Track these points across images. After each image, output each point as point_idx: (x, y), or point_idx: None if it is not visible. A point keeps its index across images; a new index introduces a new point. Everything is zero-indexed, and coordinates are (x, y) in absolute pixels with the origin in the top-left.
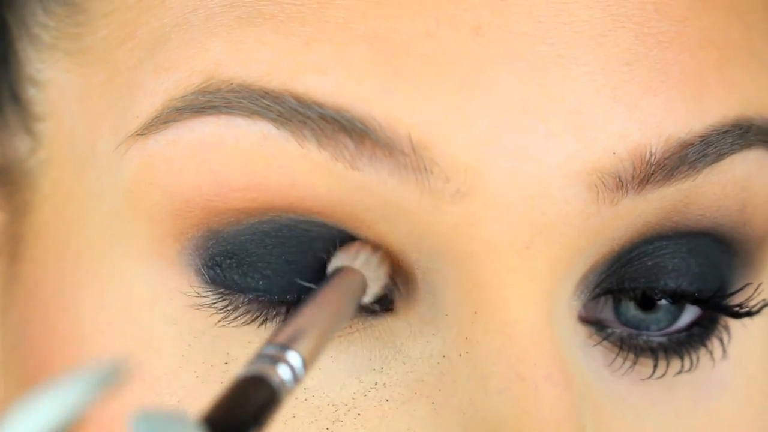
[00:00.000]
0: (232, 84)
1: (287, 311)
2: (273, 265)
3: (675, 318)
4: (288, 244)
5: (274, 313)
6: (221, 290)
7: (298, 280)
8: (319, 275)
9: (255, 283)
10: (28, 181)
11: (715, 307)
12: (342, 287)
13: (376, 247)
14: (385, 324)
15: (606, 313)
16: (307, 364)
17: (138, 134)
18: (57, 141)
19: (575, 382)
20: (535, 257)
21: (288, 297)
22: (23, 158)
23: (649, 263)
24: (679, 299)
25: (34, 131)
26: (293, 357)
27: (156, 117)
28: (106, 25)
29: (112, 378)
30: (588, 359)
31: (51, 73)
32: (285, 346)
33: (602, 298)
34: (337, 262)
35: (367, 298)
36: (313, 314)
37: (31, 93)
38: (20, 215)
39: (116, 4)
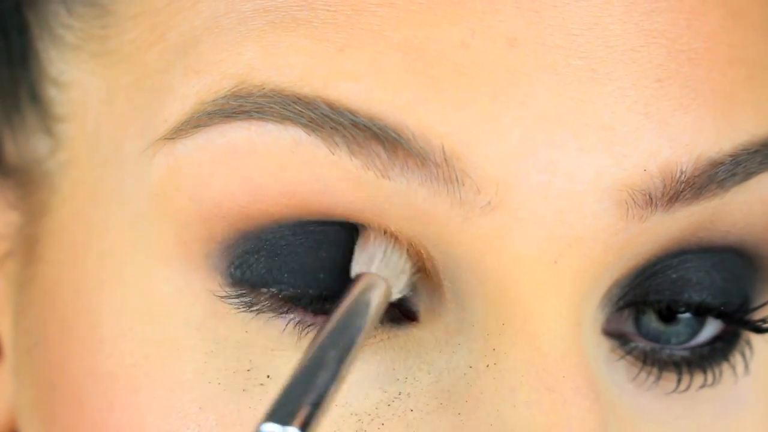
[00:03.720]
0: (264, 89)
1: (309, 304)
2: (300, 260)
3: (695, 331)
4: (317, 240)
5: (297, 309)
6: (245, 290)
7: (323, 275)
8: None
9: (280, 276)
10: (46, 182)
11: (738, 322)
12: (353, 316)
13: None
14: (410, 334)
15: (627, 325)
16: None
17: (166, 138)
18: (79, 143)
19: (602, 395)
20: (563, 271)
21: (311, 291)
22: (41, 159)
23: (674, 276)
24: (703, 313)
25: (54, 132)
26: None
27: (186, 121)
28: (134, 27)
29: None
30: (612, 373)
31: (75, 74)
32: (283, 424)
33: (624, 311)
34: (356, 266)
35: (396, 295)
36: (315, 372)
37: (53, 94)
38: (37, 216)
39: (144, 6)
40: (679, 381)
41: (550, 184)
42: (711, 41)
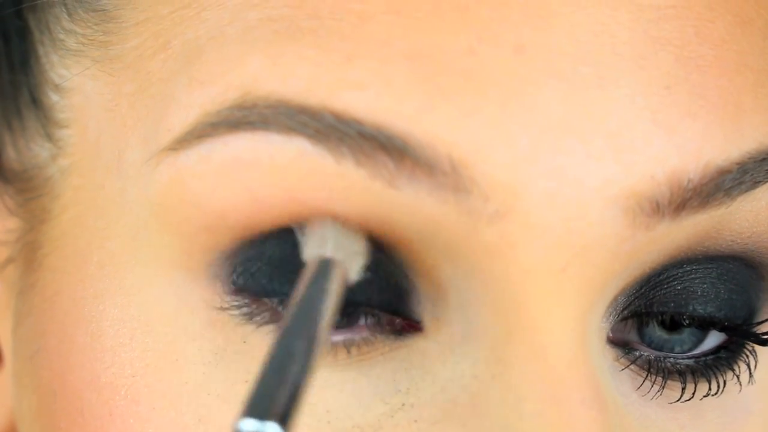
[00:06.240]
0: (269, 100)
1: None
2: (298, 268)
3: (700, 340)
4: None
5: None
6: (247, 300)
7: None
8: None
9: (281, 287)
10: (47, 189)
11: (743, 335)
12: (314, 303)
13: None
14: (413, 344)
15: (631, 334)
16: (288, 425)
17: (170, 149)
18: (80, 149)
19: (608, 406)
20: (570, 280)
21: None
22: (42, 165)
23: (678, 287)
24: (707, 326)
25: (55, 138)
26: (272, 428)
27: (189, 131)
28: (138, 34)
29: None
30: (617, 382)
31: (76, 79)
32: (261, 419)
33: (628, 320)
34: (308, 249)
35: (353, 277)
36: (284, 363)
37: (54, 99)
38: (38, 223)
39: (148, 13)
40: (683, 390)
41: (558, 191)
42: (719, 48)
